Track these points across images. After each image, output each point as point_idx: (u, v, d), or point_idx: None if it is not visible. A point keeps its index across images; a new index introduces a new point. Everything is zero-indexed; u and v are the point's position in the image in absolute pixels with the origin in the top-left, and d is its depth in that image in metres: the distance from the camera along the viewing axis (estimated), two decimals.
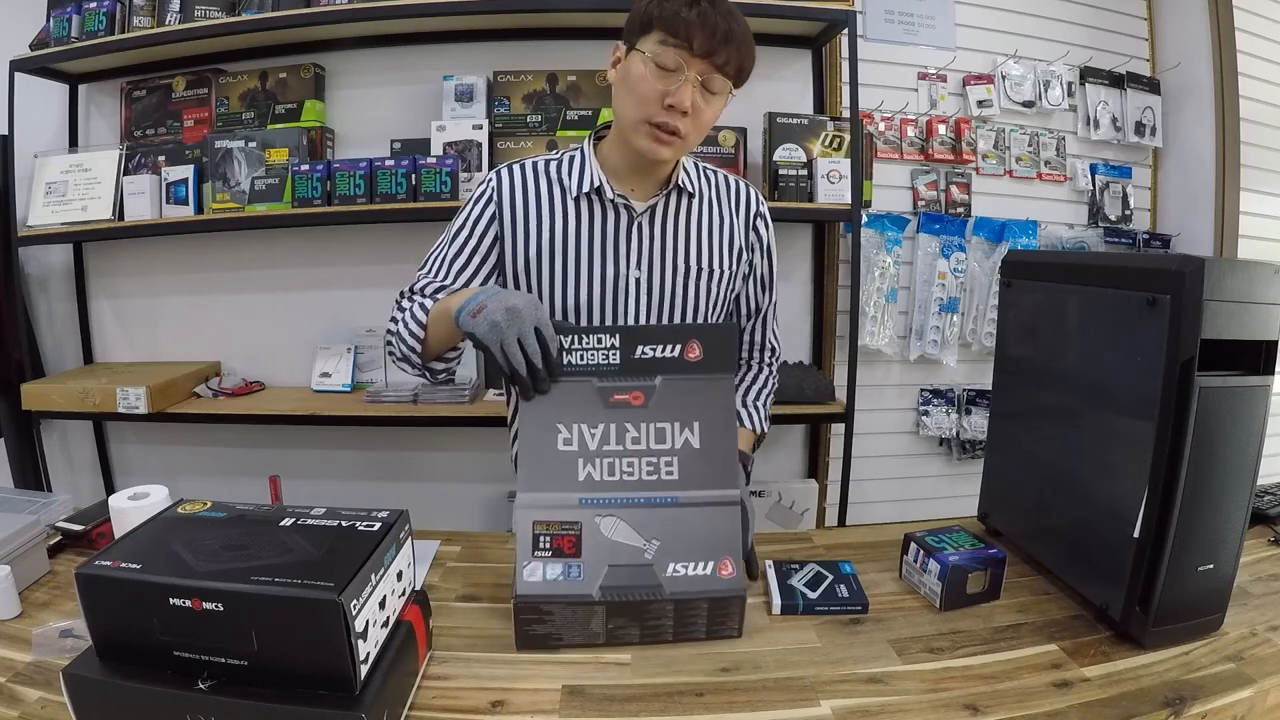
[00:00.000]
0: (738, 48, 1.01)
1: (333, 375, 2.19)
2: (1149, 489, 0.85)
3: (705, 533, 0.90)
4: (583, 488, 0.91)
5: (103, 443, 2.36)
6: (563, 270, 1.13)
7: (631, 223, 1.13)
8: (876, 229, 2.22)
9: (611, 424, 0.94)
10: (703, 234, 1.17)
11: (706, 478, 0.92)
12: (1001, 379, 1.21)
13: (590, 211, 1.13)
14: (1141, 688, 0.82)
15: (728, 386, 0.98)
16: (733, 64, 1.02)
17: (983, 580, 0.99)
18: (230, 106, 2.14)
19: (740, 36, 1.01)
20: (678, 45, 1.00)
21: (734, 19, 1.01)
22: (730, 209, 1.20)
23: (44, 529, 1.07)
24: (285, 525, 0.77)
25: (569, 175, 1.14)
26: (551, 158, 1.17)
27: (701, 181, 1.19)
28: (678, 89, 1.01)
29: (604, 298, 1.14)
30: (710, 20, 0.99)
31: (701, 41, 0.99)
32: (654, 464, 0.93)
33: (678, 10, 0.99)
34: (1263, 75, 2.26)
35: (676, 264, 1.15)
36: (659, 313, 1.16)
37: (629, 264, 1.14)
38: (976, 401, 2.32)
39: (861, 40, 2.04)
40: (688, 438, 0.94)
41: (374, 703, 0.67)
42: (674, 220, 1.15)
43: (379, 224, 2.12)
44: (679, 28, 0.99)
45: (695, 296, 1.17)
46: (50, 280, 2.31)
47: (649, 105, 1.02)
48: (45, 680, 0.81)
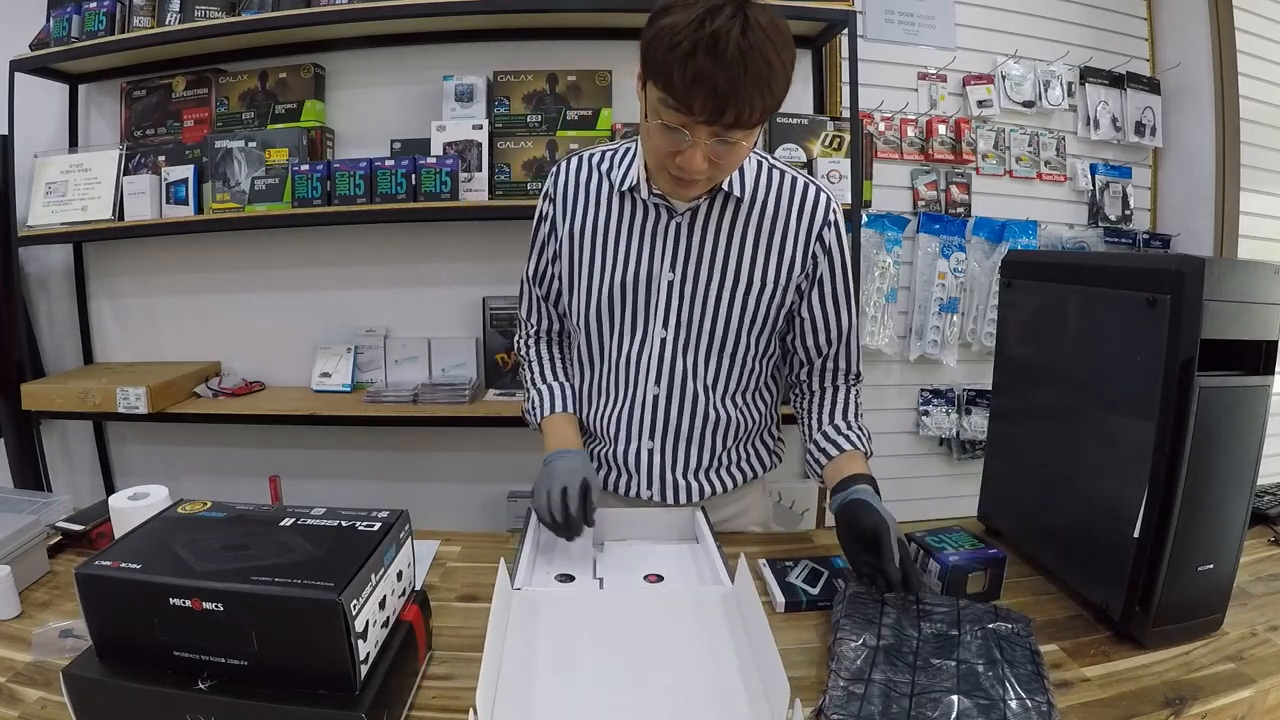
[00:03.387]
0: (750, 99, 0.85)
1: (333, 375, 2.18)
2: (1149, 489, 0.85)
3: None
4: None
5: (103, 443, 2.36)
6: (600, 261, 1.13)
7: (670, 222, 1.10)
8: (876, 229, 2.22)
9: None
10: (748, 241, 1.08)
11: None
12: (1001, 379, 1.21)
13: (632, 207, 1.12)
14: (1141, 688, 0.82)
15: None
16: (748, 118, 0.88)
17: (983, 580, 0.99)
18: (230, 106, 2.14)
19: (755, 83, 0.85)
20: (676, 109, 0.88)
21: (743, 63, 0.83)
22: (792, 217, 1.09)
23: (44, 529, 1.07)
24: (285, 525, 0.77)
25: (616, 169, 1.12)
26: (608, 149, 1.16)
27: (761, 185, 1.09)
28: (687, 152, 0.91)
29: (636, 293, 1.12)
30: (710, 79, 0.83)
31: (703, 106, 0.86)
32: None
33: (671, 69, 0.85)
34: (1263, 75, 2.26)
35: (714, 271, 1.09)
36: (689, 320, 1.11)
37: (662, 264, 1.10)
38: (976, 401, 2.32)
39: (861, 40, 2.04)
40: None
41: (374, 703, 0.67)
42: (716, 225, 1.08)
43: (379, 224, 2.12)
44: (673, 91, 0.86)
45: (731, 308, 1.10)
46: (50, 280, 2.31)
47: (662, 158, 0.96)
48: (45, 680, 0.81)
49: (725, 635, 0.86)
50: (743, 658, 0.82)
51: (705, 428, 1.17)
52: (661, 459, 1.18)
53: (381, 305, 2.23)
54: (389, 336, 2.22)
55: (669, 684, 0.78)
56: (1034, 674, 0.78)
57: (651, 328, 1.13)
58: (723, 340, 1.12)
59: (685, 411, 1.16)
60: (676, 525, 1.17)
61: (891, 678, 0.79)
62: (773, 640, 0.76)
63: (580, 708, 0.74)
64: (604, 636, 0.86)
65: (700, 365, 1.14)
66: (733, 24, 0.83)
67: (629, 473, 1.20)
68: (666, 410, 1.16)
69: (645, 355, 1.14)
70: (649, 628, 0.88)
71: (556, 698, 0.75)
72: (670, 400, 1.15)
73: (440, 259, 2.19)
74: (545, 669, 0.79)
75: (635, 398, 1.16)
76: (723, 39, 0.83)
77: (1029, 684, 0.77)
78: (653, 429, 1.17)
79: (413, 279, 2.21)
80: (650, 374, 1.15)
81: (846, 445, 1.12)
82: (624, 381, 1.17)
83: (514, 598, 0.91)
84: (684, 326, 1.12)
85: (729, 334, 1.12)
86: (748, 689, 0.77)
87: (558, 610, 0.91)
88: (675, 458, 1.19)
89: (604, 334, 1.16)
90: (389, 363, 2.21)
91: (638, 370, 1.15)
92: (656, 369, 1.14)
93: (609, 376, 1.18)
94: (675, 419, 1.16)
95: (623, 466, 1.20)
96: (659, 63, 0.87)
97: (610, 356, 1.17)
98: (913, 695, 0.76)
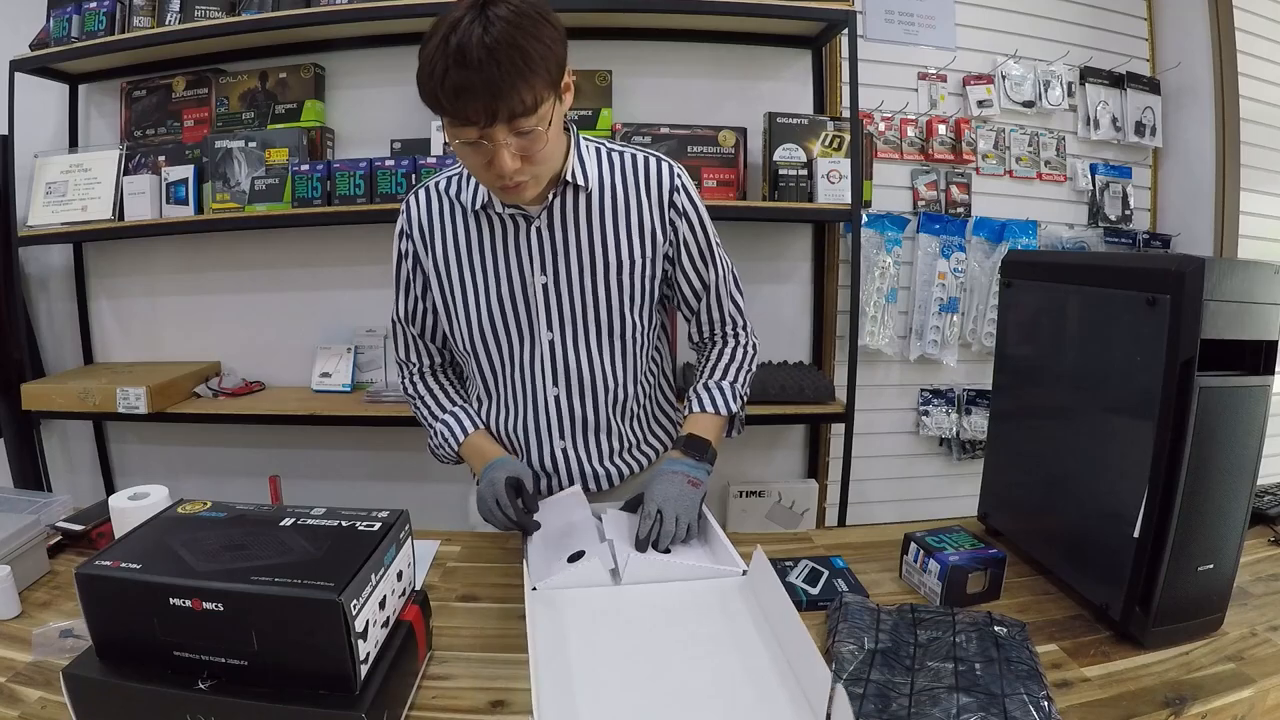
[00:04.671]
0: (514, 87, 0.88)
1: (333, 375, 2.19)
2: (1149, 489, 0.85)
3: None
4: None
5: (103, 443, 2.36)
6: (472, 285, 1.14)
7: (529, 229, 1.11)
8: (876, 229, 2.22)
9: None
10: (607, 226, 1.11)
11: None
12: (1001, 379, 1.21)
13: (490, 224, 1.12)
14: (1141, 688, 0.82)
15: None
16: (521, 105, 0.90)
17: (983, 580, 0.99)
18: (230, 106, 2.14)
19: (511, 72, 0.87)
20: (459, 124, 0.92)
21: (493, 60, 0.86)
22: (640, 191, 1.12)
23: (44, 529, 1.07)
24: (285, 525, 0.77)
25: (465, 192, 1.12)
26: (450, 173, 1.15)
27: (604, 169, 1.12)
28: (493, 158, 0.94)
29: (515, 307, 1.13)
30: (469, 88, 0.87)
31: (476, 111, 0.89)
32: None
33: (436, 93, 0.89)
34: (1263, 75, 2.26)
35: (583, 263, 1.12)
36: (573, 317, 1.14)
37: (533, 271, 1.12)
38: (976, 401, 2.32)
39: (861, 40, 2.04)
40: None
41: (374, 703, 0.67)
42: (574, 219, 1.11)
43: (379, 224, 2.11)
44: (445, 111, 0.91)
45: (608, 292, 1.13)
46: (50, 280, 2.31)
47: (482, 174, 0.99)
48: (45, 680, 0.81)
49: (749, 624, 0.87)
50: (770, 646, 0.83)
51: (609, 413, 1.20)
52: (576, 454, 1.21)
53: (382, 305, 2.20)
54: (389, 337, 2.22)
55: (703, 677, 0.79)
56: (1032, 670, 0.78)
57: (537, 332, 1.15)
58: (609, 325, 1.15)
59: (587, 403, 1.18)
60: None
61: (890, 678, 0.79)
62: (804, 627, 0.77)
63: (622, 708, 0.74)
64: (630, 633, 0.87)
65: (593, 355, 1.16)
66: (473, 28, 0.87)
67: (547, 475, 1.23)
68: (570, 407, 1.18)
69: (538, 359, 1.16)
70: (673, 621, 0.89)
71: (597, 699, 0.75)
72: (571, 396, 1.18)
73: None
74: (581, 670, 0.79)
75: (537, 402, 1.18)
76: (467, 47, 0.86)
77: (1028, 681, 0.77)
78: (560, 428, 1.19)
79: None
80: (546, 376, 1.16)
81: (695, 406, 1.20)
82: (522, 389, 1.18)
83: (535, 599, 0.91)
84: (568, 323, 1.14)
85: (613, 318, 1.14)
86: (780, 676, 0.78)
87: (581, 609, 0.91)
88: (588, 450, 1.21)
89: (491, 350, 1.17)
90: (389, 363, 2.21)
91: (533, 375, 1.17)
92: (551, 370, 1.16)
93: (507, 388, 1.19)
94: (580, 413, 1.19)
95: (540, 470, 1.22)
96: (428, 92, 0.91)
97: (504, 369, 1.18)
98: (912, 695, 0.76)
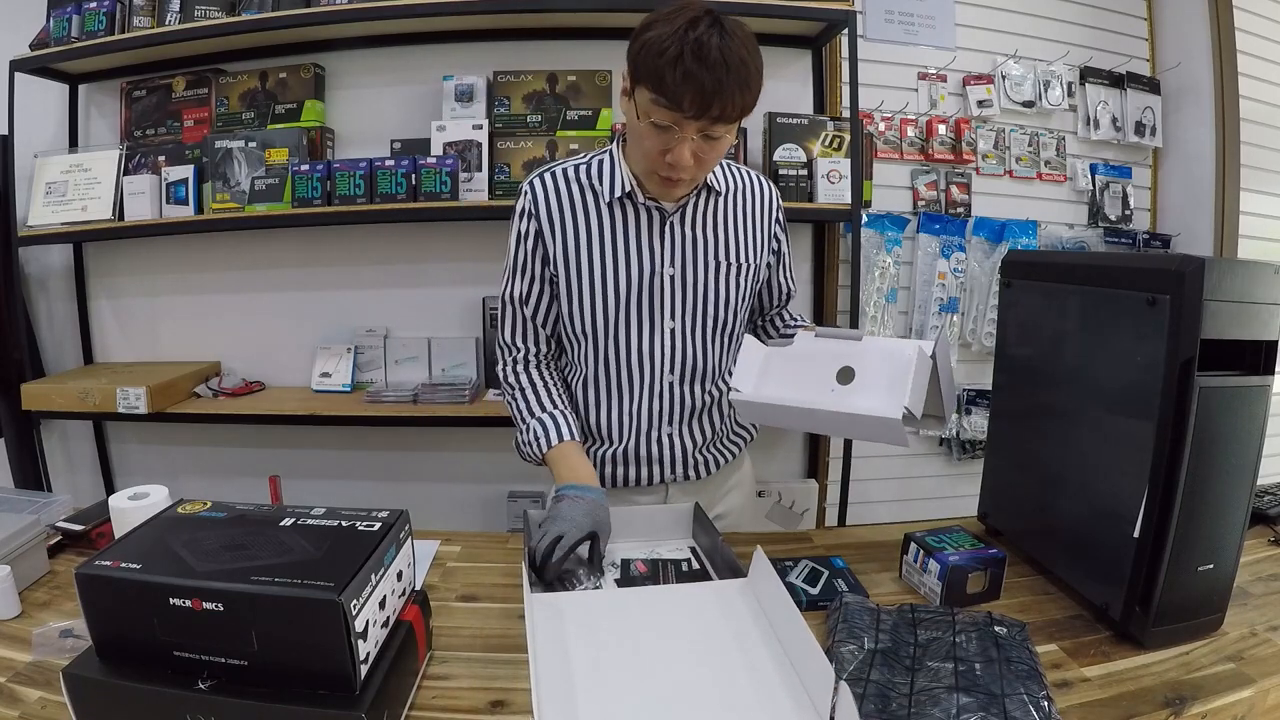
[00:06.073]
0: (732, 95, 0.97)
1: (333, 375, 2.18)
2: (1149, 489, 0.85)
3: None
4: None
5: (103, 443, 2.36)
6: (600, 269, 1.17)
7: (664, 223, 1.17)
8: (876, 229, 2.22)
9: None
10: (728, 229, 1.21)
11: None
12: (1001, 379, 1.21)
13: (624, 215, 1.17)
14: (1141, 688, 0.82)
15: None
16: (730, 112, 0.99)
17: (983, 580, 0.99)
18: (230, 106, 2.14)
19: (735, 80, 0.96)
20: (668, 107, 0.98)
21: (724, 64, 0.95)
22: (758, 205, 1.25)
23: (44, 529, 1.07)
24: (285, 525, 0.77)
25: (600, 181, 1.17)
26: (580, 162, 1.20)
27: (728, 178, 1.22)
28: (676, 147, 1.02)
29: (641, 294, 1.18)
30: (697, 79, 0.95)
31: (691, 102, 0.96)
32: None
33: (662, 72, 0.96)
34: (1263, 75, 2.26)
35: (708, 260, 1.20)
36: (693, 307, 1.20)
37: (663, 262, 1.18)
38: (976, 401, 2.32)
39: (861, 40, 2.04)
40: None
41: (374, 703, 0.67)
42: (703, 218, 1.19)
43: (379, 224, 2.12)
44: (665, 90, 0.97)
45: (725, 290, 1.21)
46: (50, 280, 2.31)
47: (652, 159, 1.06)
48: (45, 680, 0.81)
49: (749, 624, 0.88)
50: (771, 646, 0.83)
51: (710, 404, 1.26)
52: (680, 440, 1.25)
53: (381, 305, 2.23)
54: (389, 336, 2.22)
55: (704, 676, 0.79)
56: (1032, 670, 0.78)
57: (661, 321, 1.19)
58: (720, 320, 1.22)
59: (697, 391, 1.23)
60: (675, 523, 1.18)
61: (890, 678, 0.79)
62: (806, 627, 0.77)
63: (622, 708, 0.75)
64: (631, 635, 0.87)
65: (707, 346, 1.22)
66: (711, 32, 0.96)
67: (647, 464, 1.25)
68: (681, 394, 1.23)
69: (658, 346, 1.20)
70: (674, 623, 0.89)
71: (597, 699, 0.75)
72: (684, 384, 1.23)
73: (440, 259, 2.19)
74: (581, 670, 0.80)
75: (654, 388, 1.22)
76: (705, 44, 0.95)
77: (1027, 681, 0.77)
78: (670, 414, 1.23)
79: (413, 279, 2.21)
80: (665, 364, 1.21)
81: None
82: (639, 375, 1.21)
83: (534, 601, 0.91)
84: (689, 314, 1.20)
85: (726, 313, 1.22)
86: (782, 676, 0.78)
87: (581, 612, 0.91)
88: (691, 437, 1.26)
89: (612, 335, 1.20)
90: (389, 363, 2.21)
91: (652, 362, 1.21)
92: (670, 358, 1.21)
93: (623, 372, 1.22)
94: (690, 402, 1.24)
95: (640, 459, 1.24)
96: (650, 68, 0.97)
97: (624, 354, 1.21)
98: (912, 695, 0.76)
